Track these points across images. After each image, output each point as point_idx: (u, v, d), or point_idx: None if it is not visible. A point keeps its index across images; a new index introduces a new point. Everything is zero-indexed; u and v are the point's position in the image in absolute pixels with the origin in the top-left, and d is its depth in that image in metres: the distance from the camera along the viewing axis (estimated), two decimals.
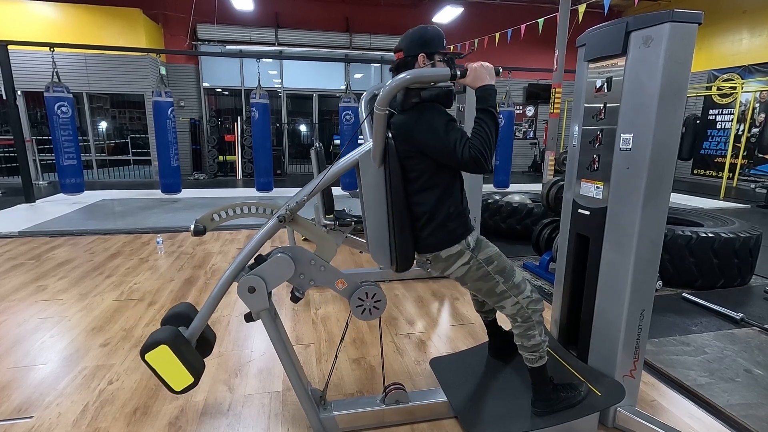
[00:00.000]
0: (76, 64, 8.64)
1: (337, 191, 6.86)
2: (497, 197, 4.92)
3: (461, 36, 10.15)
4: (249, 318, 1.58)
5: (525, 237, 4.32)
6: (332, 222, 3.30)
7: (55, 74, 6.05)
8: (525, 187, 7.75)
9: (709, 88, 9.59)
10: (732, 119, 8.80)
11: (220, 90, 10.66)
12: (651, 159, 1.53)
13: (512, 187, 7.55)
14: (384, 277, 3.40)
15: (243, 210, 1.63)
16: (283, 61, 10.52)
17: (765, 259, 3.85)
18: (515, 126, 11.60)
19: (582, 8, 5.34)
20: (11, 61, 6.02)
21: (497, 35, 8.01)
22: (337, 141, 9.62)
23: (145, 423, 1.76)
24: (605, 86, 1.70)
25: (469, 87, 1.46)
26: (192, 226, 1.61)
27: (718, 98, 9.51)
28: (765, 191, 7.42)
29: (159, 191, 7.05)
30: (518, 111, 11.66)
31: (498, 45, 8.56)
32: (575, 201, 1.89)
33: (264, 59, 9.14)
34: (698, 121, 7.59)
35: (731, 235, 3.22)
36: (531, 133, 12.14)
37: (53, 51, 5.81)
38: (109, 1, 8.71)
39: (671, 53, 1.46)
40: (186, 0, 9.37)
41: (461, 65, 1.44)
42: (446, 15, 10.10)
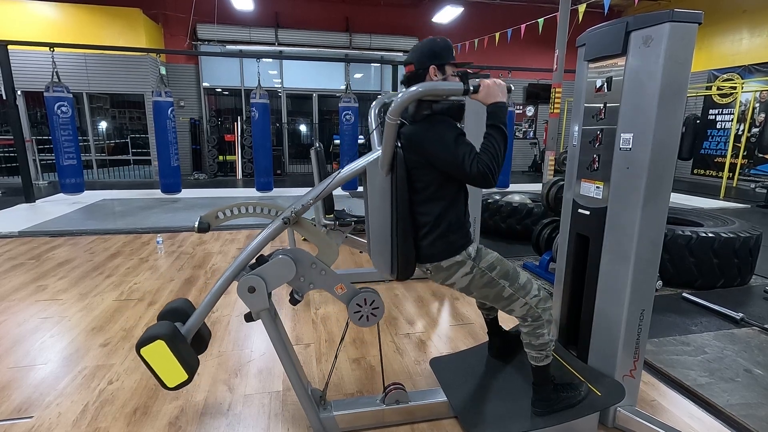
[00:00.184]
0: (76, 64, 8.64)
1: (337, 191, 6.85)
2: (497, 197, 4.92)
3: (461, 36, 10.15)
4: (249, 318, 1.58)
5: (525, 237, 4.33)
6: (332, 222, 3.30)
7: (55, 74, 6.05)
8: (525, 187, 7.74)
9: (709, 88, 9.59)
10: (732, 119, 8.80)
11: (220, 90, 10.66)
12: (651, 159, 1.53)
13: (512, 187, 7.55)
14: (384, 277, 3.39)
15: (248, 210, 1.63)
16: (283, 61, 10.52)
17: (765, 259, 3.85)
18: (515, 126, 11.63)
19: (582, 8, 5.34)
20: (11, 61, 6.02)
21: (497, 35, 8.01)
22: (337, 141, 9.61)
23: (145, 423, 1.76)
24: (605, 86, 1.70)
25: (481, 103, 1.47)
26: (196, 223, 1.62)
27: (718, 98, 9.51)
28: (765, 191, 7.42)
29: (159, 191, 7.05)
30: (518, 111, 11.66)
31: (498, 45, 8.56)
32: (575, 201, 1.89)
33: (264, 59, 9.14)
34: (698, 121, 7.59)
35: (731, 235, 3.22)
36: (531, 133, 12.14)
37: (53, 51, 5.82)
38: (109, 1, 8.71)
39: (671, 53, 1.46)
40: (186, 0, 9.37)
41: (475, 80, 1.45)
42: (446, 15, 10.10)
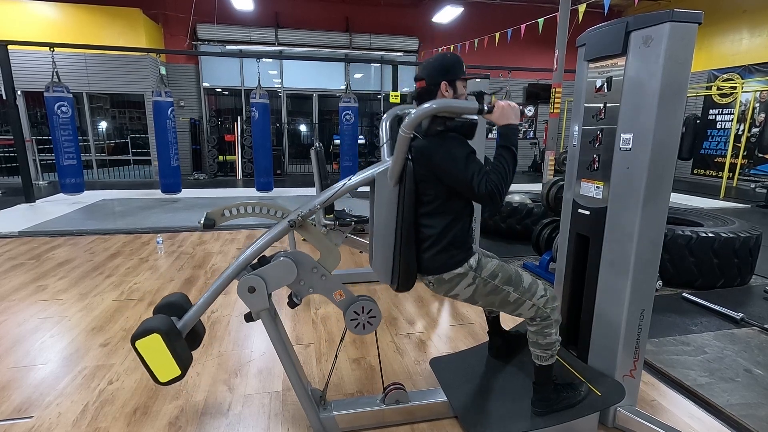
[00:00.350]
0: (76, 64, 8.64)
1: None
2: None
3: (461, 36, 10.15)
4: (249, 318, 1.58)
5: (525, 237, 4.33)
6: (332, 222, 3.30)
7: (55, 74, 6.06)
8: (525, 187, 7.74)
9: (709, 88, 9.59)
10: (732, 119, 8.80)
11: (220, 90, 10.66)
12: (651, 159, 1.53)
13: (512, 187, 7.52)
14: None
15: (254, 209, 1.64)
16: (283, 61, 10.53)
17: (765, 259, 3.85)
18: None
19: (582, 8, 5.34)
20: (11, 61, 6.02)
21: (497, 35, 8.01)
22: (337, 141, 9.62)
23: (145, 423, 1.76)
24: (605, 86, 1.70)
25: (494, 123, 1.49)
26: (202, 219, 1.62)
27: (718, 98, 9.51)
28: (765, 191, 7.42)
29: (159, 191, 7.06)
30: None
31: (498, 45, 8.56)
32: (575, 201, 1.89)
33: (264, 59, 9.14)
34: (698, 121, 7.59)
35: (731, 235, 3.22)
36: (531, 133, 12.14)
37: (53, 51, 5.82)
38: (109, 1, 8.71)
39: (671, 53, 1.46)
40: (186, 0, 9.37)
41: (489, 100, 1.47)
42: (446, 15, 10.10)
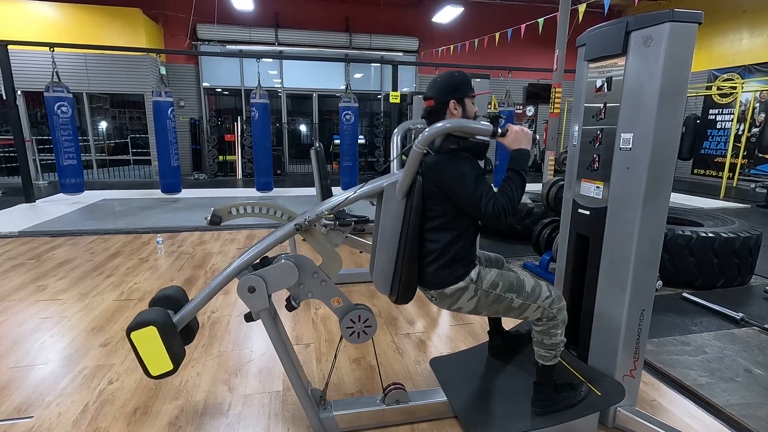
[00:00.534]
0: (76, 64, 8.64)
1: (338, 191, 6.84)
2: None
3: (461, 36, 10.15)
4: (249, 318, 1.58)
5: (525, 237, 4.32)
6: (332, 222, 3.30)
7: (55, 74, 6.06)
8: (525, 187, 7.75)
9: (709, 88, 9.59)
10: (732, 119, 8.80)
11: (220, 90, 10.66)
12: (651, 159, 1.53)
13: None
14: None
15: (261, 210, 1.64)
16: (283, 61, 10.53)
17: (765, 259, 3.85)
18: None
19: (582, 8, 5.34)
20: (11, 61, 6.02)
21: (497, 35, 8.01)
22: (337, 141, 9.62)
23: (145, 423, 1.76)
24: (605, 86, 1.70)
25: (506, 146, 1.52)
26: (209, 216, 1.62)
27: (718, 98, 9.51)
28: (765, 191, 7.42)
29: (159, 191, 7.06)
30: (518, 111, 11.65)
31: (498, 45, 8.56)
32: (575, 201, 1.89)
33: (264, 59, 9.14)
34: (698, 121, 7.59)
35: (731, 235, 3.22)
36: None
37: (53, 51, 5.82)
38: (109, 1, 8.71)
39: (671, 53, 1.46)
40: (186, 0, 9.37)
41: (503, 123, 1.49)
42: (446, 15, 10.10)
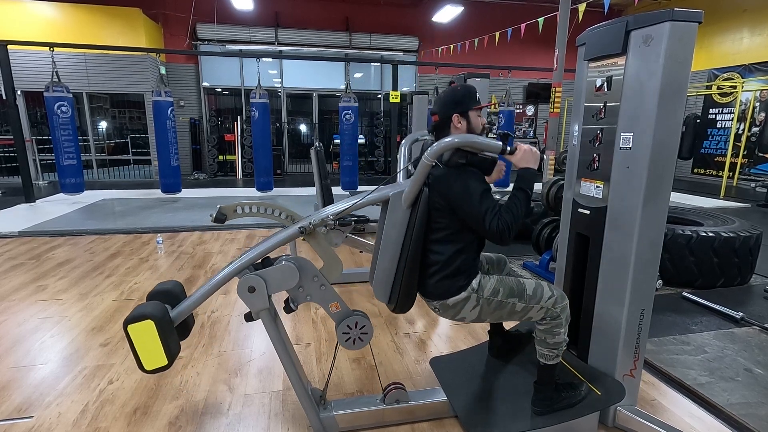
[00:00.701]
0: (76, 64, 8.63)
1: (337, 191, 6.86)
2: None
3: (461, 36, 10.14)
4: (249, 318, 1.58)
5: (525, 236, 4.32)
6: (332, 222, 3.29)
7: (55, 74, 6.05)
8: None
9: (710, 87, 9.58)
10: (732, 118, 8.79)
11: (220, 90, 10.65)
12: (651, 158, 1.53)
13: (512, 187, 7.55)
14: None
15: (266, 210, 1.64)
16: (283, 61, 10.52)
17: (765, 259, 3.85)
18: (515, 125, 11.62)
19: (582, 7, 5.33)
20: (11, 61, 6.02)
21: (497, 35, 8.01)
22: (337, 140, 9.62)
23: (145, 423, 1.77)
24: (605, 85, 1.70)
25: (514, 164, 1.53)
26: (214, 213, 1.62)
27: (719, 97, 9.50)
28: (765, 190, 7.42)
29: (159, 191, 7.06)
30: (518, 110, 11.65)
31: (498, 45, 8.55)
32: (575, 200, 1.89)
33: (264, 59, 9.13)
34: (698, 120, 7.59)
35: (731, 235, 3.22)
36: (531, 133, 12.14)
37: (53, 51, 5.82)
38: (109, 1, 8.70)
39: (671, 52, 1.45)
40: (186, 0, 9.36)
41: (512, 141, 1.50)
42: (446, 14, 10.09)
